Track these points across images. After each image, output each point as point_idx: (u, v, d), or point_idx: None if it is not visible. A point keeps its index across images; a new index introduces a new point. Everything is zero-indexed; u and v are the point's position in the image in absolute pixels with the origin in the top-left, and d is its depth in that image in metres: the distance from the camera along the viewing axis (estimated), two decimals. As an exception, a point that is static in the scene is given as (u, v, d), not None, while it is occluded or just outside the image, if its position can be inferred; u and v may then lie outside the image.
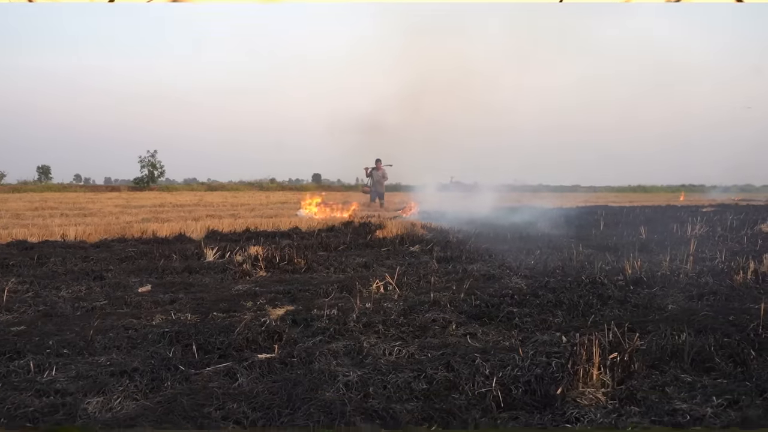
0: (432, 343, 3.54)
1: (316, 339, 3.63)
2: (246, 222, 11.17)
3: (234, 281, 5.77)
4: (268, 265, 6.35)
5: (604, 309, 4.33)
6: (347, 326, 3.85)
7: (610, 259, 6.52)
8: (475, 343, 3.56)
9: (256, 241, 8.53)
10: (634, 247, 7.61)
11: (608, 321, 3.54)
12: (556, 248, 7.73)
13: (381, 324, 3.89)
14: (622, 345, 3.00)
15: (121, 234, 9.30)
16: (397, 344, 3.47)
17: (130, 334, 3.70)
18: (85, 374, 2.97)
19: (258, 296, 4.94)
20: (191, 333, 3.60)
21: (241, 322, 3.80)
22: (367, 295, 4.90)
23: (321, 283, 5.47)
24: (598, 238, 9.27)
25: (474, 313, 4.25)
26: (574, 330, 3.66)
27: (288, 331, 3.70)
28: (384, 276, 5.36)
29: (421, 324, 3.93)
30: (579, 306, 4.33)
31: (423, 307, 4.39)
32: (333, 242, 8.36)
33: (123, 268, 6.32)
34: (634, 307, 4.39)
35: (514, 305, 4.39)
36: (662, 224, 11.80)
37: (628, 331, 3.47)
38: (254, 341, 3.51)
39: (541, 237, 9.42)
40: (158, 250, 7.31)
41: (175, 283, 5.55)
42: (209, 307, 4.54)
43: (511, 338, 3.67)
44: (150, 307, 4.54)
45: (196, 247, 7.55)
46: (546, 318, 4.04)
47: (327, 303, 4.53)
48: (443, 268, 6.31)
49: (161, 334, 3.61)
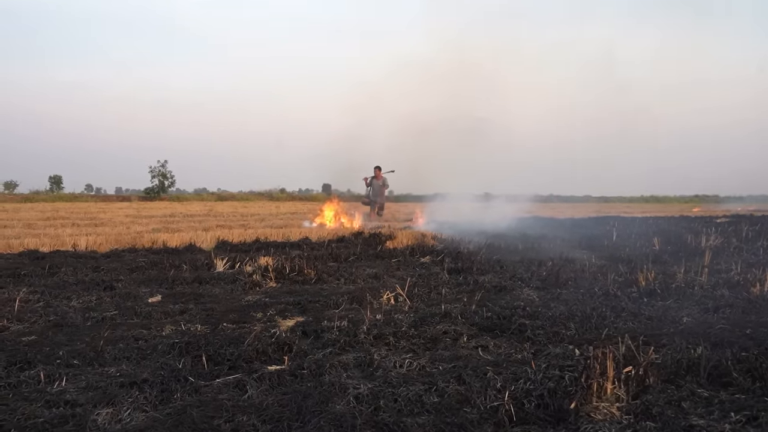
0: (443, 355, 3.52)
1: (326, 351, 3.62)
2: (256, 232, 11.20)
3: (244, 292, 5.78)
4: (278, 276, 6.35)
5: (618, 321, 4.29)
6: (358, 338, 3.83)
7: (623, 270, 6.47)
8: (486, 356, 3.53)
9: (266, 251, 8.55)
10: (648, 259, 7.55)
11: (622, 334, 3.51)
12: (568, 259, 7.68)
13: (392, 336, 3.87)
14: (636, 358, 2.96)
15: (132, 244, 9.36)
16: (407, 356, 3.44)
17: (140, 344, 3.71)
18: (94, 385, 2.98)
19: (268, 307, 4.94)
20: (201, 344, 3.60)
21: (250, 333, 3.80)
22: (377, 307, 4.89)
23: (331, 294, 5.46)
24: (611, 249, 9.20)
25: (485, 325, 4.22)
26: (587, 343, 3.62)
27: (298, 343, 3.69)
28: (394, 287, 5.34)
29: (432, 336, 3.91)
30: (592, 318, 4.29)
31: (434, 318, 4.36)
32: (343, 253, 8.35)
33: (133, 278, 6.35)
34: (648, 320, 4.35)
35: (526, 317, 4.36)
36: (676, 235, 11.71)
37: (643, 344, 3.44)
38: (264, 353, 3.51)
39: (552, 248, 9.36)
40: (168, 261, 7.34)
41: (185, 293, 5.56)
42: (219, 317, 4.54)
43: (523, 351, 3.64)
44: (160, 318, 4.55)
45: (206, 258, 7.57)
46: (558, 330, 4.01)
47: (337, 314, 4.52)
48: (454, 280, 6.29)
49: (171, 345, 3.61)
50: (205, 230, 12.10)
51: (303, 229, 12.32)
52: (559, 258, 7.80)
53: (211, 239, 10.02)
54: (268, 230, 11.96)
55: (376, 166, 17.16)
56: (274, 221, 16.74)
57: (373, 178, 17.10)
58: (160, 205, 30.87)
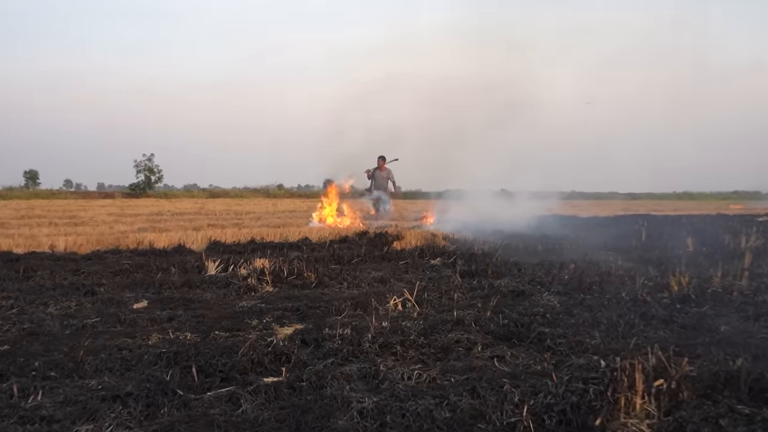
0: (455, 366, 3.51)
1: (327, 361, 3.61)
2: (251, 232, 11.21)
3: (238, 297, 5.79)
4: (276, 280, 6.36)
5: (648, 330, 4.27)
6: (362, 347, 3.83)
7: (653, 273, 6.44)
8: (503, 367, 3.52)
9: (262, 253, 8.55)
10: (681, 261, 7.50)
11: (652, 343, 3.48)
12: (592, 262, 7.65)
13: (399, 345, 3.87)
14: (668, 371, 2.94)
15: (115, 245, 9.38)
16: (416, 367, 3.44)
17: (124, 354, 3.71)
18: (74, 399, 2.98)
19: (264, 313, 4.95)
20: (191, 354, 3.60)
21: (245, 341, 3.80)
22: (383, 313, 4.88)
23: (333, 299, 5.47)
24: (640, 251, 9.16)
25: (502, 333, 4.21)
26: (613, 353, 3.60)
27: (297, 353, 3.69)
28: (402, 292, 5.34)
29: (443, 345, 3.90)
30: (619, 326, 4.27)
31: (445, 326, 4.36)
32: (346, 254, 8.36)
33: (117, 282, 6.37)
34: (681, 328, 4.33)
35: (547, 325, 4.35)
36: (712, 235, 11.65)
37: (675, 355, 3.41)
38: (260, 363, 3.51)
39: (575, 249, 9.32)
40: (155, 263, 7.36)
41: (173, 298, 5.57)
42: (210, 325, 4.55)
43: (543, 362, 3.62)
44: (146, 325, 4.56)
45: (196, 260, 7.58)
46: (582, 339, 3.99)
47: (340, 321, 4.52)
48: (467, 284, 6.28)
49: (158, 355, 3.61)
50: (195, 230, 12.12)
51: (302, 229, 12.33)
52: (583, 260, 7.77)
53: (202, 239, 10.04)
54: (264, 230, 11.97)
55: (380, 155, 16.28)
56: (270, 220, 16.77)
57: (375, 170, 16.25)
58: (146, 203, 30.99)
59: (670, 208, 28.77)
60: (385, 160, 16.20)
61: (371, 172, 16.28)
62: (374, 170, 16.25)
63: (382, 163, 16.19)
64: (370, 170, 16.32)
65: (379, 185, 16.26)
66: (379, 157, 16.25)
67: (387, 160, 16.24)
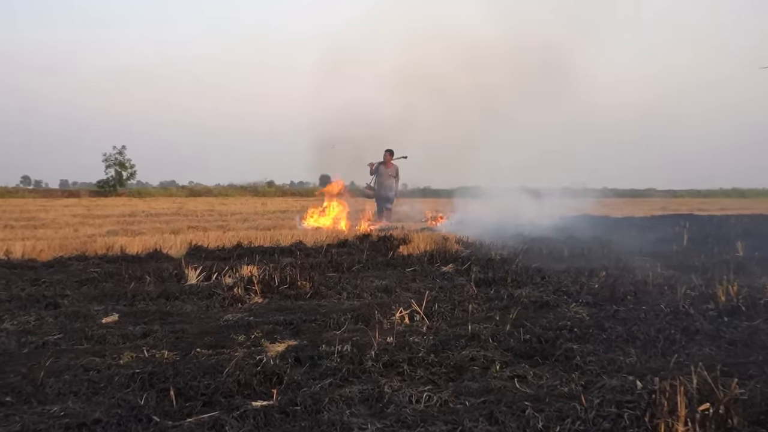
0: (470, 388, 3.51)
1: (324, 382, 3.61)
2: (237, 235, 11.23)
3: (222, 309, 5.79)
4: (265, 289, 6.36)
5: (691, 346, 4.26)
6: (364, 366, 3.83)
7: (696, 282, 6.43)
8: (524, 389, 3.52)
9: (249, 259, 8.56)
10: (729, 268, 7.50)
11: (696, 362, 3.48)
12: (626, 268, 7.64)
13: (406, 363, 3.87)
14: (715, 393, 2.93)
15: (81, 250, 9.39)
16: (426, 389, 3.44)
17: (91, 376, 3.71)
18: (32, 428, 2.98)
19: (252, 328, 4.95)
20: (168, 375, 3.61)
21: (230, 360, 3.80)
22: (388, 327, 4.89)
23: (331, 311, 5.47)
24: (681, 256, 9.16)
25: (523, 350, 4.21)
26: (651, 373, 3.59)
27: (290, 373, 3.69)
28: (409, 303, 5.34)
29: (456, 363, 3.91)
30: (658, 342, 4.27)
31: (459, 342, 4.36)
32: (346, 260, 8.37)
33: (83, 293, 6.38)
34: (729, 345, 4.32)
35: (574, 340, 4.35)
36: (765, 237, 11.63)
37: (723, 375, 3.40)
38: (247, 385, 3.51)
39: (606, 254, 9.32)
40: (128, 271, 7.37)
41: (148, 311, 5.58)
42: (191, 341, 4.55)
43: (570, 383, 3.62)
44: (117, 342, 4.56)
45: (175, 267, 7.59)
46: (615, 357, 3.99)
47: (338, 336, 4.52)
48: (483, 294, 6.28)
49: (130, 377, 3.61)
50: (173, 233, 12.15)
51: (295, 232, 12.35)
52: (615, 267, 7.77)
53: (181, 244, 10.05)
54: (252, 232, 11.99)
55: (388, 149, 15.87)
56: (259, 221, 16.80)
57: (380, 165, 15.82)
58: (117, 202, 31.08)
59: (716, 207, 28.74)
60: (392, 154, 15.85)
61: (375, 166, 15.88)
62: (379, 165, 15.84)
63: (389, 158, 15.81)
64: (374, 164, 15.92)
65: (383, 183, 15.86)
66: (386, 151, 15.89)
67: (395, 155, 15.85)
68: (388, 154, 15.85)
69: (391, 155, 15.84)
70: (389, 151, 15.89)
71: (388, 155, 15.83)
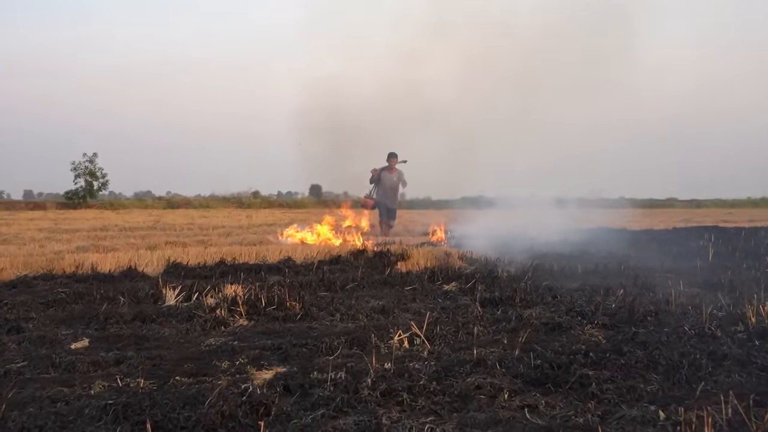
0: (476, 418, 3.51)
1: (316, 413, 3.60)
2: (220, 251, 11.22)
3: (204, 333, 5.78)
4: (251, 311, 6.36)
5: (719, 373, 4.25)
6: (359, 395, 3.83)
7: (724, 302, 6.43)
8: (535, 419, 3.52)
9: (234, 277, 8.56)
10: (759, 285, 7.50)
11: (726, 390, 3.48)
12: (645, 286, 7.65)
13: (406, 392, 3.86)
14: (747, 425, 2.94)
15: (48, 268, 9.37)
16: (427, 420, 3.43)
17: (59, 408, 3.69)
18: (-3, 464, 2.97)
19: (237, 353, 4.94)
20: (144, 406, 3.59)
21: (213, 389, 3.79)
22: (386, 352, 4.88)
23: (323, 334, 5.46)
24: (706, 273, 9.15)
25: (533, 376, 4.20)
26: (675, 402, 3.60)
27: (278, 403, 3.68)
28: (409, 325, 5.34)
29: (460, 392, 3.90)
30: (682, 368, 4.26)
31: (463, 368, 4.36)
32: (339, 278, 8.36)
33: (49, 315, 6.36)
34: (761, 371, 4.31)
35: (590, 366, 4.34)
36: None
37: (756, 405, 3.40)
38: (231, 417, 3.49)
39: (624, 271, 9.33)
40: (99, 291, 7.35)
41: (122, 336, 5.56)
42: (170, 369, 4.54)
43: (586, 412, 3.61)
44: (87, 371, 4.54)
45: (151, 287, 7.58)
46: (635, 385, 3.98)
47: (331, 363, 4.52)
48: (490, 314, 6.28)
49: (102, 408, 3.59)
50: (149, 249, 12.13)
51: (284, 247, 12.35)
52: (634, 284, 7.77)
53: (158, 261, 10.03)
54: (236, 248, 11.99)
55: (392, 152, 15.61)
56: (244, 236, 16.78)
57: (383, 170, 15.56)
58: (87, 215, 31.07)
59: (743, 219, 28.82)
60: (397, 158, 15.55)
61: (377, 172, 15.57)
62: (381, 171, 15.57)
63: (394, 163, 15.51)
64: (376, 170, 15.60)
65: (386, 191, 15.59)
66: (389, 155, 15.59)
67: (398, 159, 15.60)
68: (393, 158, 15.53)
69: (395, 159, 15.56)
70: (393, 155, 15.58)
71: (392, 160, 15.52)
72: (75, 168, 45.16)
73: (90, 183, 45.22)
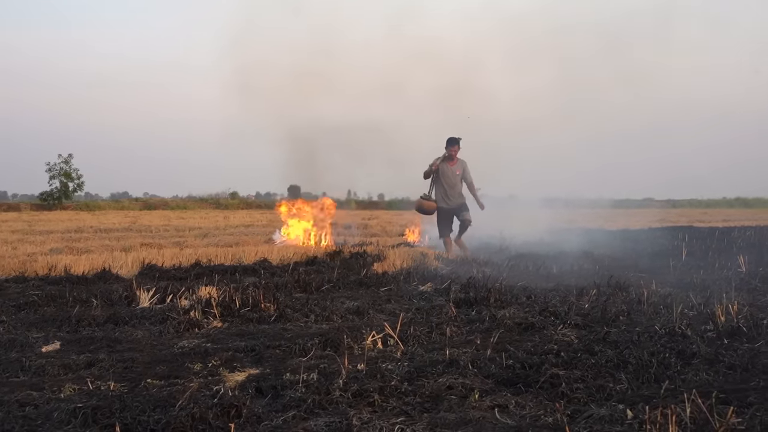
0: (446, 419, 3.53)
1: (287, 414, 3.61)
2: (196, 253, 11.20)
3: (177, 335, 5.76)
4: (225, 313, 6.35)
5: (687, 371, 4.30)
6: (331, 396, 3.83)
7: (695, 301, 6.50)
8: (505, 419, 3.54)
9: (209, 279, 8.53)
10: (730, 285, 7.59)
11: (691, 388, 3.52)
12: (619, 286, 7.71)
13: (377, 393, 3.87)
14: (710, 423, 2.98)
15: (20, 271, 9.31)
16: (398, 421, 3.45)
17: (28, 412, 3.67)
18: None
19: (210, 355, 4.93)
20: (114, 409, 3.58)
21: (184, 392, 3.78)
22: (359, 353, 4.90)
23: (297, 336, 5.47)
24: (679, 272, 9.26)
25: (505, 376, 4.23)
26: (643, 401, 3.64)
27: (250, 404, 3.67)
28: (383, 326, 5.35)
29: (432, 392, 3.92)
30: (651, 367, 4.30)
31: (435, 368, 4.37)
32: (314, 280, 8.37)
33: (20, 318, 6.32)
34: (728, 369, 4.36)
35: (561, 366, 4.36)
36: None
37: (720, 402, 3.45)
38: (202, 419, 3.48)
39: (599, 270, 9.41)
40: (72, 293, 7.31)
41: (94, 338, 5.54)
42: (141, 371, 4.53)
43: (555, 412, 3.63)
44: (57, 374, 4.52)
45: (125, 289, 7.54)
46: (604, 384, 4.02)
47: (304, 364, 4.52)
48: (464, 315, 6.32)
49: (72, 412, 3.57)
50: (125, 250, 12.08)
51: (260, 248, 12.34)
52: (608, 284, 7.83)
53: (133, 263, 10.00)
54: (212, 249, 11.98)
55: (453, 137, 12.29)
56: (221, 237, 16.76)
57: (443, 160, 12.38)
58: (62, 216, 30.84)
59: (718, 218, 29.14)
60: (458, 145, 12.33)
61: (437, 164, 12.39)
62: (441, 160, 12.41)
63: (455, 151, 12.32)
64: (436, 162, 12.40)
65: (450, 188, 12.45)
66: (449, 141, 12.30)
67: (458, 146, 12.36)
68: (454, 145, 12.29)
69: (458, 146, 12.32)
70: (454, 140, 12.30)
71: (453, 148, 12.28)
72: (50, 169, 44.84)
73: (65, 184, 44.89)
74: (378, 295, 7.60)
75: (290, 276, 8.91)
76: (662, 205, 46.50)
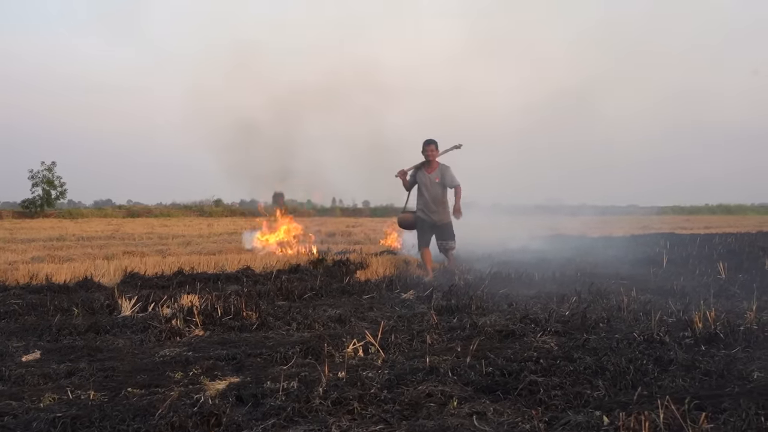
0: (425, 426, 3.54)
1: (267, 423, 3.62)
2: (178, 261, 11.20)
3: (159, 344, 5.76)
4: (207, 321, 6.35)
5: (663, 377, 4.34)
6: (311, 404, 3.84)
7: (674, 308, 6.56)
8: (483, 426, 3.57)
9: (191, 287, 8.54)
10: (709, 291, 7.67)
11: (666, 394, 3.56)
12: (599, 293, 7.78)
13: (357, 401, 3.89)
14: (683, 428, 3.01)
15: (1, 280, 9.27)
16: (377, 429, 3.47)
17: (6, 422, 3.66)
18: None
19: (191, 364, 4.93)
20: (94, 418, 3.58)
21: (164, 400, 3.79)
22: (340, 361, 4.92)
23: (278, 344, 5.49)
24: (659, 280, 9.33)
25: (484, 384, 4.26)
26: (620, 407, 3.67)
27: (230, 413, 3.69)
28: (364, 334, 5.37)
29: (411, 400, 3.93)
30: (628, 373, 4.34)
31: (415, 376, 4.40)
32: (297, 288, 8.38)
33: (1, 328, 6.29)
34: (704, 375, 4.40)
35: (540, 373, 4.40)
36: (751, 258, 11.90)
37: (696, 408, 3.49)
38: (182, 427, 3.49)
39: (580, 278, 9.47)
40: (53, 302, 7.29)
41: (75, 347, 5.53)
42: (122, 380, 4.52)
43: (532, 419, 3.67)
44: (37, 383, 4.51)
45: (107, 297, 7.54)
46: (582, 390, 4.05)
47: (285, 372, 4.53)
48: (445, 322, 6.34)
49: (51, 422, 3.57)
50: (107, 259, 12.04)
51: (243, 256, 12.34)
52: (588, 292, 7.89)
53: (115, 271, 9.98)
54: (195, 258, 11.97)
55: (428, 140, 10.82)
56: (204, 245, 16.72)
57: (419, 169, 10.94)
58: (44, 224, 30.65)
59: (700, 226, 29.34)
60: (437, 148, 10.88)
61: (408, 172, 11.06)
62: (416, 170, 11.00)
63: (434, 155, 10.81)
64: (405, 170, 11.06)
65: (431, 197, 10.86)
66: (426, 144, 10.82)
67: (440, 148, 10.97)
68: (431, 147, 10.79)
69: (435, 149, 10.84)
70: (430, 143, 10.83)
71: (431, 150, 10.77)
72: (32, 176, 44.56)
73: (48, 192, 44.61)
74: (360, 303, 7.63)
75: (273, 284, 8.92)
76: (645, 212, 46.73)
